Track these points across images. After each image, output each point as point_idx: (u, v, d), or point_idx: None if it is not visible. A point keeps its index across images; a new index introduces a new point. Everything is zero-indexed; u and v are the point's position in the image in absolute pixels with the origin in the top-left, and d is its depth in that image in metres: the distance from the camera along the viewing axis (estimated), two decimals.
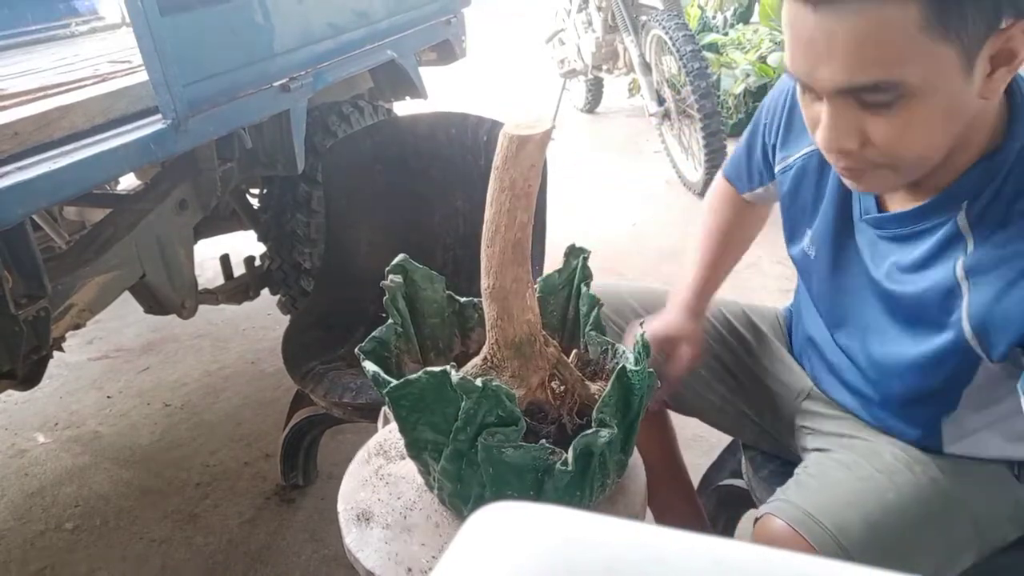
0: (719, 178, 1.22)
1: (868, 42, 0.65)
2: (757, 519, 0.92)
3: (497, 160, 0.75)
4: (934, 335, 0.81)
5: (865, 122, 0.71)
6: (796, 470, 0.98)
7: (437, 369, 0.74)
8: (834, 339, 1.00)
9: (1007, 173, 0.74)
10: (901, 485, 0.87)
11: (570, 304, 0.99)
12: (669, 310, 1.12)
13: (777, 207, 1.08)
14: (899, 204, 0.84)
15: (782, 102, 0.99)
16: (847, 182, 0.81)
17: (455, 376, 0.73)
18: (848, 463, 0.92)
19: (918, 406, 0.90)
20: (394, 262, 0.95)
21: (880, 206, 0.86)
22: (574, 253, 0.97)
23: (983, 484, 0.90)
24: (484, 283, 0.81)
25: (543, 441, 0.78)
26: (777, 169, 1.02)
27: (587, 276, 0.96)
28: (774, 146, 1.02)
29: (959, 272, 0.77)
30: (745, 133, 1.11)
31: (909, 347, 0.85)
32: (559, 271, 0.99)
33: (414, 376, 0.75)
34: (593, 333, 0.93)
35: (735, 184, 1.17)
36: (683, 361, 1.08)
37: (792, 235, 1.03)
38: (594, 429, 0.76)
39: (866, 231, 0.89)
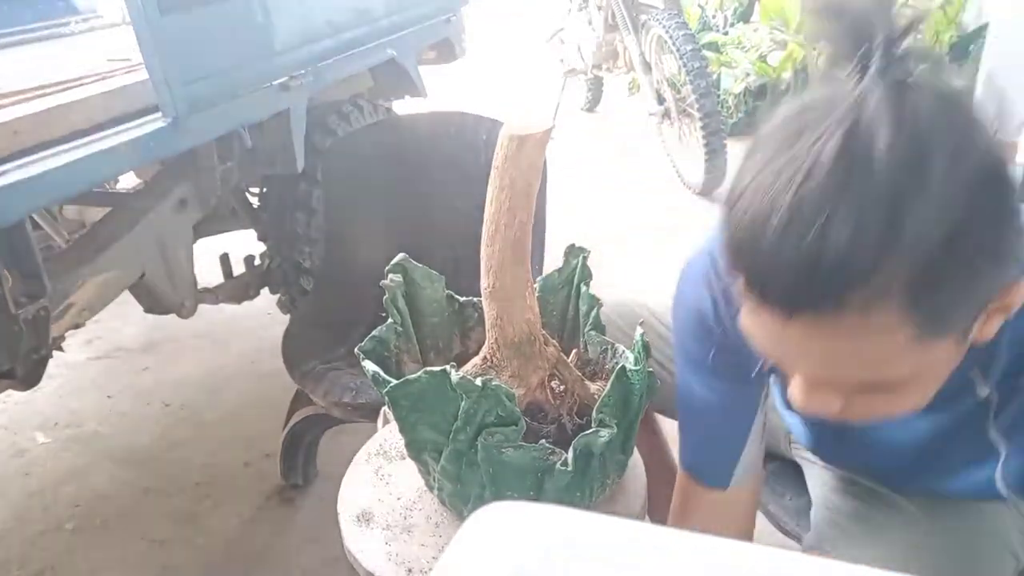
0: (682, 480, 0.92)
1: (851, 354, 0.56)
2: None
3: (497, 159, 0.75)
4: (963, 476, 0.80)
5: (855, 397, 0.62)
6: (818, 495, 0.94)
7: (437, 369, 0.74)
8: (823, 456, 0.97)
9: (1013, 333, 0.67)
10: (944, 526, 0.83)
11: (570, 304, 0.99)
12: None
13: None
14: None
15: (700, 338, 0.81)
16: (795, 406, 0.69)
17: (455, 376, 0.73)
18: (886, 499, 0.87)
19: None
20: (394, 261, 0.94)
21: None
22: (574, 253, 0.97)
23: (1016, 511, 0.88)
24: (484, 283, 0.81)
25: (543, 441, 0.78)
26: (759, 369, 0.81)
27: (587, 276, 0.96)
28: (739, 365, 0.79)
29: (993, 434, 0.74)
30: (694, 399, 0.86)
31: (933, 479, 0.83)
32: (559, 271, 0.99)
33: (414, 376, 0.75)
34: (593, 333, 0.93)
35: (715, 479, 0.88)
36: None
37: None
38: (594, 429, 0.76)
39: None
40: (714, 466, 0.87)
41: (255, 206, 2.11)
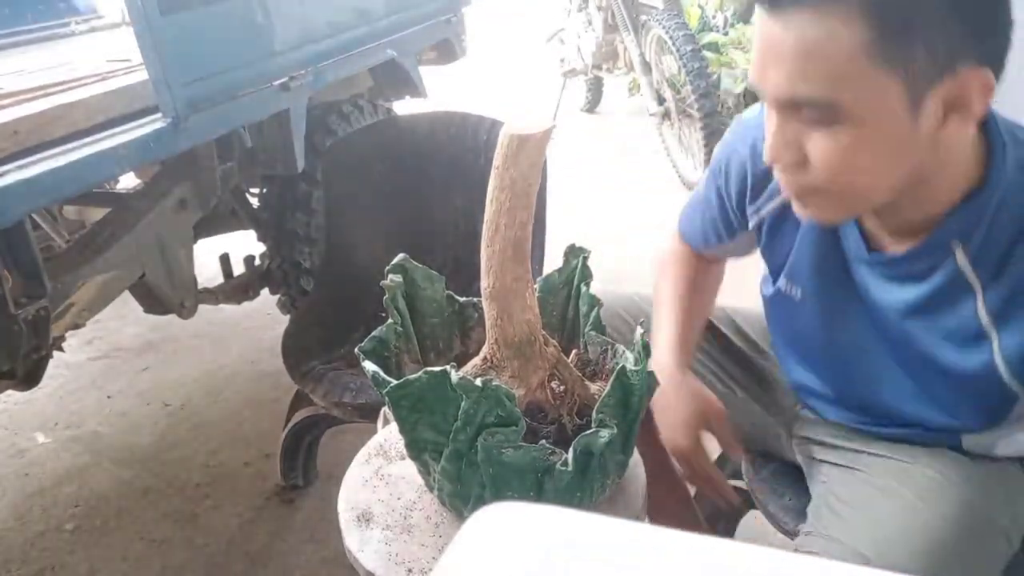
0: (673, 239, 1.14)
1: (811, 55, 0.65)
2: (795, 551, 0.89)
3: (497, 159, 0.75)
4: (959, 379, 0.81)
5: (806, 139, 0.70)
6: (817, 489, 0.96)
7: (437, 369, 0.74)
8: (832, 389, 0.98)
9: (995, 212, 0.73)
10: (940, 510, 0.84)
11: (570, 304, 0.99)
12: (672, 401, 1.00)
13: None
14: (891, 246, 0.82)
15: (746, 153, 0.93)
16: (795, 206, 0.79)
17: (455, 376, 0.73)
18: (881, 486, 0.89)
19: (939, 435, 0.89)
20: (394, 261, 0.94)
21: (870, 246, 0.84)
22: (574, 253, 0.97)
23: (1007, 496, 0.89)
24: (484, 283, 0.81)
25: (543, 441, 0.78)
26: (751, 224, 0.96)
27: (587, 276, 0.96)
28: (741, 197, 0.96)
29: (984, 318, 0.76)
30: (702, 188, 1.04)
31: (926, 395, 0.85)
32: (559, 271, 0.99)
33: (414, 376, 0.75)
34: (593, 333, 0.93)
35: (695, 243, 1.10)
36: (723, 427, 1.01)
37: (770, 275, 0.99)
38: (594, 429, 0.76)
39: (864, 272, 0.86)
40: (704, 239, 1.07)
41: (255, 206, 2.11)
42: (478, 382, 0.72)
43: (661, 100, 3.55)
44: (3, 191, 1.05)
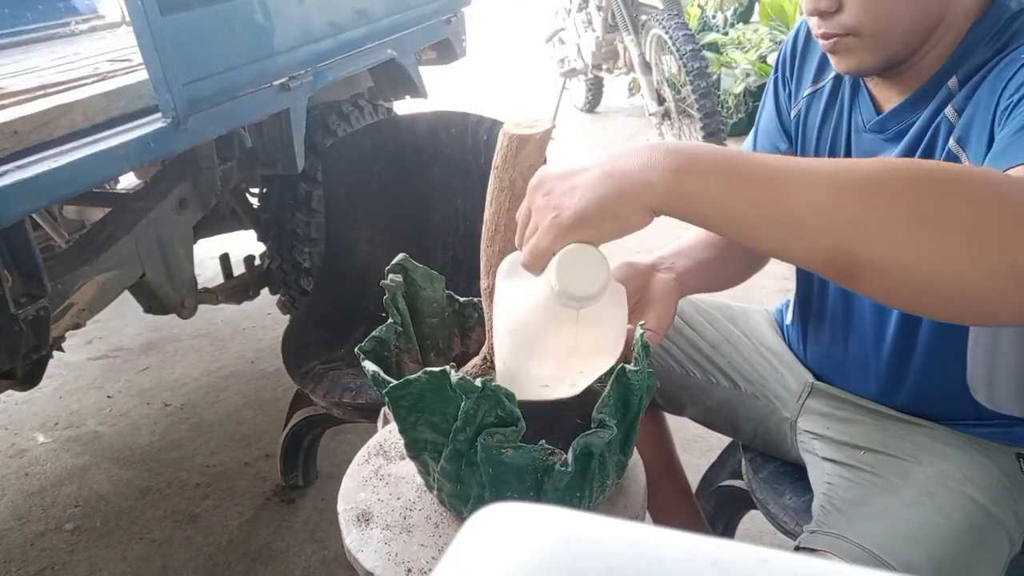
0: None
1: None
2: (798, 548, 0.88)
3: (497, 160, 0.75)
4: None
5: None
6: (821, 488, 0.96)
7: (436, 369, 0.74)
8: (843, 343, 0.99)
9: (990, 41, 0.78)
10: (946, 509, 0.84)
11: None
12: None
13: None
14: (894, 101, 0.87)
15: (791, 47, 1.02)
16: (831, 60, 0.85)
17: (455, 376, 0.72)
18: (886, 485, 0.89)
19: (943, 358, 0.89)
20: (394, 261, 0.94)
21: (878, 111, 0.89)
22: None
23: (1009, 495, 0.89)
24: (484, 283, 0.81)
25: (543, 441, 0.78)
26: (792, 114, 1.03)
27: None
28: (790, 94, 1.03)
29: (952, 146, 0.79)
30: (762, 110, 1.12)
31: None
32: None
33: (413, 376, 0.75)
34: None
35: None
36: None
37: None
38: (593, 429, 0.76)
39: (867, 143, 0.90)
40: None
41: (255, 206, 2.11)
42: (478, 382, 0.72)
43: (661, 100, 3.55)
44: (3, 191, 1.05)
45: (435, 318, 0.98)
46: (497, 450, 0.75)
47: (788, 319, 1.16)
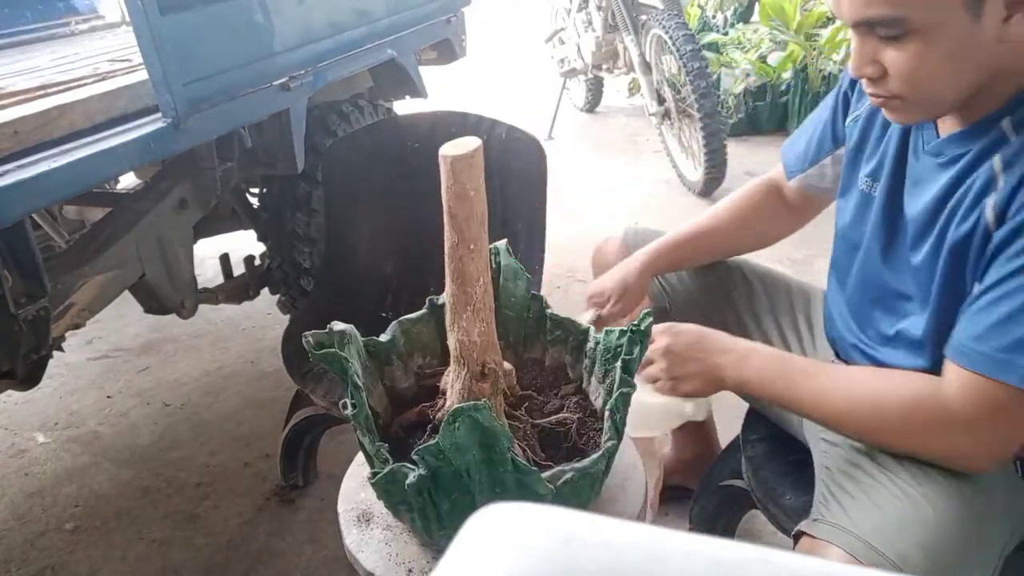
0: (767, 173, 1.27)
1: None
2: (797, 536, 0.91)
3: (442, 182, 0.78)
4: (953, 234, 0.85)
5: (882, 53, 0.80)
6: (822, 476, 0.97)
7: (387, 468, 0.77)
8: (868, 326, 1.02)
9: None
10: (933, 500, 0.86)
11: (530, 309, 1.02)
12: (621, 266, 1.25)
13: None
14: (951, 129, 0.88)
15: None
16: (884, 112, 0.89)
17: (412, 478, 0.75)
18: (882, 479, 0.90)
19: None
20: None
21: (937, 135, 0.90)
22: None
23: (1000, 491, 0.90)
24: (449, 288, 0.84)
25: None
26: (848, 120, 1.07)
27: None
28: (848, 104, 1.08)
29: (997, 166, 0.81)
30: (818, 109, 1.16)
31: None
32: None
33: (375, 471, 0.78)
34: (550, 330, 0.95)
35: (791, 164, 1.19)
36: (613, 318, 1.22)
37: (848, 182, 1.06)
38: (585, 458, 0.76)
39: (923, 163, 0.92)
40: (804, 156, 1.16)
41: (255, 206, 2.11)
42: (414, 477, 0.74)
43: (661, 100, 3.54)
44: (3, 191, 1.05)
45: (511, 311, 0.99)
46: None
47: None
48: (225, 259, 2.06)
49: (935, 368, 0.88)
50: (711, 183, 3.28)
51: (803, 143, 1.17)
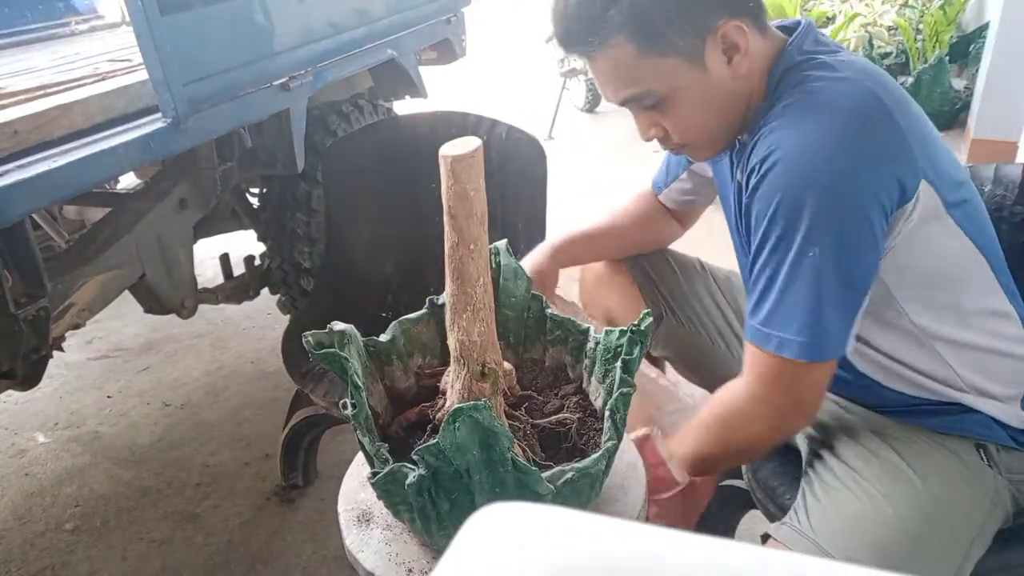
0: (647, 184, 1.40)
1: (612, 72, 0.92)
2: (766, 538, 0.94)
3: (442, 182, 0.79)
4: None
5: (656, 118, 0.95)
6: (803, 479, 0.99)
7: (387, 468, 0.76)
8: None
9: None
10: (894, 499, 0.89)
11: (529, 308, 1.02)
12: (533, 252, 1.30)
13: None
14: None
15: None
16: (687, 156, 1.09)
17: (412, 478, 0.75)
18: (847, 480, 0.93)
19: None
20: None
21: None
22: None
23: (963, 480, 0.92)
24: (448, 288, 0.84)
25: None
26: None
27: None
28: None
29: (739, 176, 0.97)
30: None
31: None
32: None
33: (375, 470, 0.77)
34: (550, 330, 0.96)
35: (658, 180, 1.36)
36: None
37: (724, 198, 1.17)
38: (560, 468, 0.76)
39: (732, 189, 1.05)
40: (660, 177, 1.37)
41: (255, 206, 2.11)
42: (420, 472, 0.74)
43: None
44: (3, 191, 1.05)
45: (511, 311, 0.99)
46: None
47: None
48: (225, 259, 2.06)
49: None
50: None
51: (664, 162, 1.33)
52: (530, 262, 1.29)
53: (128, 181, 2.37)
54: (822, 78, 0.87)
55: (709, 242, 1.78)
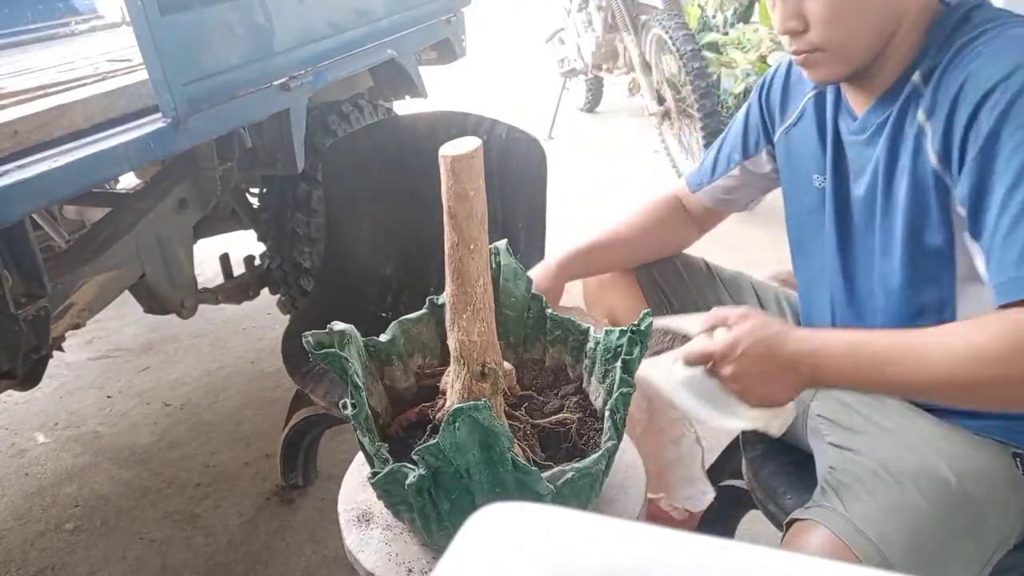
0: (670, 188, 1.34)
1: None
2: (789, 522, 0.92)
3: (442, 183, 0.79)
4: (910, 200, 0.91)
5: (803, 8, 0.88)
6: (822, 471, 0.98)
7: (387, 468, 0.76)
8: (849, 283, 1.04)
9: (944, 43, 0.87)
10: (928, 493, 0.88)
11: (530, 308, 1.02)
12: (537, 268, 1.26)
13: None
14: (866, 104, 0.96)
15: (777, 76, 1.14)
16: (804, 74, 0.96)
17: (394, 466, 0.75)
18: (877, 470, 0.92)
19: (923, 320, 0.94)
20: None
21: (854, 118, 0.99)
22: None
23: (998, 486, 0.91)
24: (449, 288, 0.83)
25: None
26: (776, 136, 1.13)
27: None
28: (772, 115, 1.14)
29: (921, 119, 0.88)
30: (734, 120, 1.23)
31: (897, 228, 0.93)
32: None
33: (375, 470, 0.78)
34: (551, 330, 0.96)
35: (694, 177, 1.28)
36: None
37: (798, 190, 1.11)
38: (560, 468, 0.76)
39: (855, 149, 0.99)
40: (699, 173, 1.27)
41: (255, 206, 2.11)
42: (414, 477, 0.74)
43: (661, 100, 3.54)
44: (3, 191, 1.05)
45: (511, 311, 0.99)
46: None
47: None
48: (225, 259, 2.06)
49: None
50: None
51: (711, 159, 1.25)
52: (535, 281, 1.26)
53: (128, 181, 2.37)
54: (1020, 23, 0.84)
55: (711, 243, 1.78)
